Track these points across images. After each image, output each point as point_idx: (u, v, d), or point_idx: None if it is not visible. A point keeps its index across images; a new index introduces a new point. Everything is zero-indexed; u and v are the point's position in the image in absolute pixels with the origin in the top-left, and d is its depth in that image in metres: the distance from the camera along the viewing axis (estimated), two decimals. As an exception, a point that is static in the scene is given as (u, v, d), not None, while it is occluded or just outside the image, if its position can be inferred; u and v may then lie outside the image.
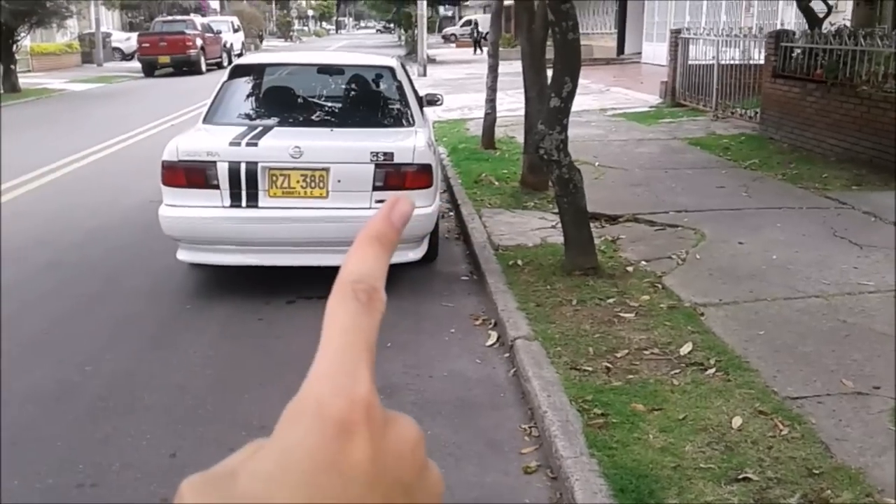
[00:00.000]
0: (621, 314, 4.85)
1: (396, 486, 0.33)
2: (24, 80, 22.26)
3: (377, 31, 77.11)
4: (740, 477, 3.17)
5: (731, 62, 13.01)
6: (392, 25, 58.10)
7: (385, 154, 5.07)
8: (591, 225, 6.07)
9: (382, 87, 6.17)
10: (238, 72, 6.17)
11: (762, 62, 11.49)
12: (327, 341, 0.35)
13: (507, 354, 4.55)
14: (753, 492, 3.08)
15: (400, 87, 5.97)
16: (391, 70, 6.11)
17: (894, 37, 8.70)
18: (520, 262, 5.84)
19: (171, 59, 26.81)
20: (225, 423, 3.85)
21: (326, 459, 0.32)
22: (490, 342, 4.77)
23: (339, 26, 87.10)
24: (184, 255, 5.37)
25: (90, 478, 3.42)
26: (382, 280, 0.38)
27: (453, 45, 43.46)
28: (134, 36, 32.39)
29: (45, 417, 3.93)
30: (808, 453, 3.34)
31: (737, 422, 3.57)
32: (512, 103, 12.10)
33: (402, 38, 42.55)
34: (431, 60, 27.75)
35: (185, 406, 4.04)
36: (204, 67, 27.44)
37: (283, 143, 5.15)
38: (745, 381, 3.96)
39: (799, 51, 10.37)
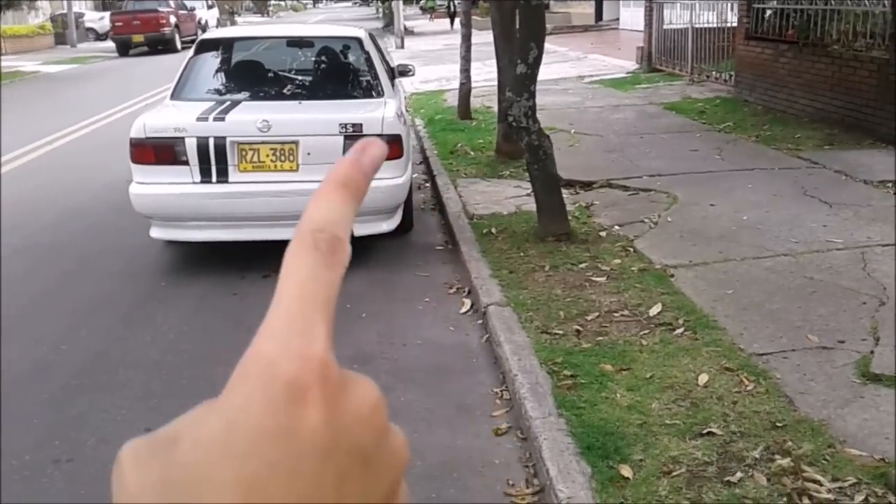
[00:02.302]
0: (593, 278, 4.90)
1: (354, 452, 0.30)
2: (-4, 63, 21.95)
3: (355, 4, 76.31)
4: (705, 432, 3.24)
5: (707, 25, 13.00)
6: (369, -2, 57.44)
7: (354, 125, 5.07)
8: (566, 191, 6.12)
9: (351, 58, 6.15)
10: (205, 47, 6.13)
11: (736, 25, 11.49)
12: (281, 295, 0.32)
13: (480, 321, 4.59)
14: (717, 445, 3.15)
15: (368, 58, 5.94)
16: (359, 41, 6.08)
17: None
18: (494, 230, 5.87)
19: (145, 38, 26.47)
20: (201, 397, 3.79)
21: (275, 425, 0.28)
22: (464, 310, 4.81)
23: (316, 0, 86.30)
24: (157, 233, 5.37)
25: (66, 454, 3.45)
26: (347, 230, 0.34)
27: (432, 15, 43.08)
28: (107, 15, 31.92)
29: (21, 396, 3.95)
30: (772, 407, 3.41)
31: (703, 379, 3.64)
32: (488, 73, 12.05)
33: (380, 10, 42.15)
34: (409, 32, 27.55)
35: (161, 381, 4.07)
36: (179, 45, 27.10)
37: (251, 117, 5.13)
38: (712, 340, 4.02)
39: (771, 12, 10.38)
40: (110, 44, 28.38)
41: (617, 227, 5.86)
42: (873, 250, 5.13)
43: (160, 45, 26.60)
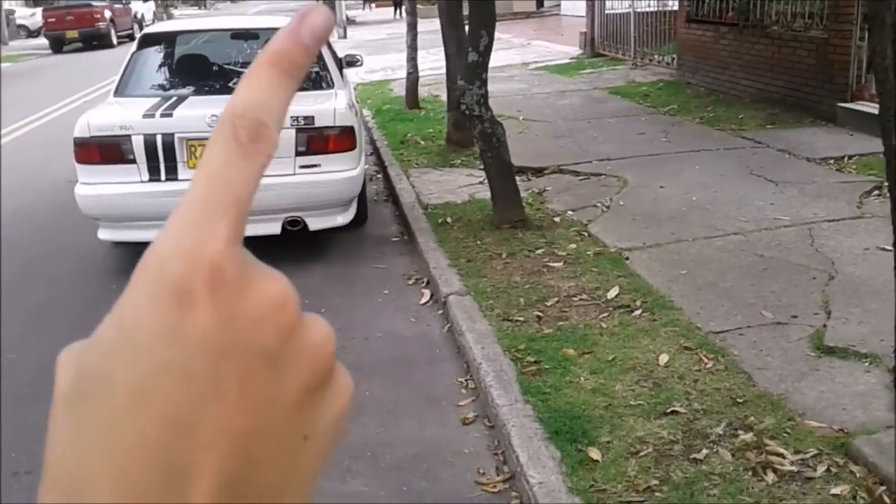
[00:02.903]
0: (550, 264, 4.93)
1: (255, 351, 0.29)
2: (-78, 63, 21.14)
3: (294, -6, 75.35)
4: (668, 411, 3.29)
5: (648, 10, 13.16)
6: (309, -12, 56.69)
7: (305, 118, 5.01)
8: (518, 178, 6.13)
9: (298, 50, 6.05)
10: (147, 41, 5.99)
11: (676, 8, 11.65)
12: (188, 193, 0.30)
13: (440, 311, 4.59)
14: (681, 424, 3.21)
15: (316, 50, 5.87)
16: (306, 32, 6.00)
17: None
18: (449, 219, 5.87)
19: (79, 34, 25.74)
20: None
21: (163, 328, 0.28)
22: (424, 300, 4.81)
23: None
24: (105, 234, 5.25)
25: (24, 465, 3.36)
26: (276, 114, 0.30)
27: (373, 4, 42.82)
28: (39, 11, 30.98)
29: (-28, 408, 3.83)
30: (732, 384, 3.48)
31: (663, 359, 3.69)
32: (434, 62, 12.03)
33: (321, 0, 41.66)
34: (351, 22, 27.34)
35: (118, 386, 3.98)
36: (115, 40, 26.45)
37: (200, 112, 5.03)
38: (670, 320, 4.09)
39: (711, -5, 10.54)
40: (43, 41, 27.55)
41: (570, 213, 5.91)
42: (820, 226, 5.26)
43: (95, 41, 25.91)
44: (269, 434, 0.30)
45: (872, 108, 7.37)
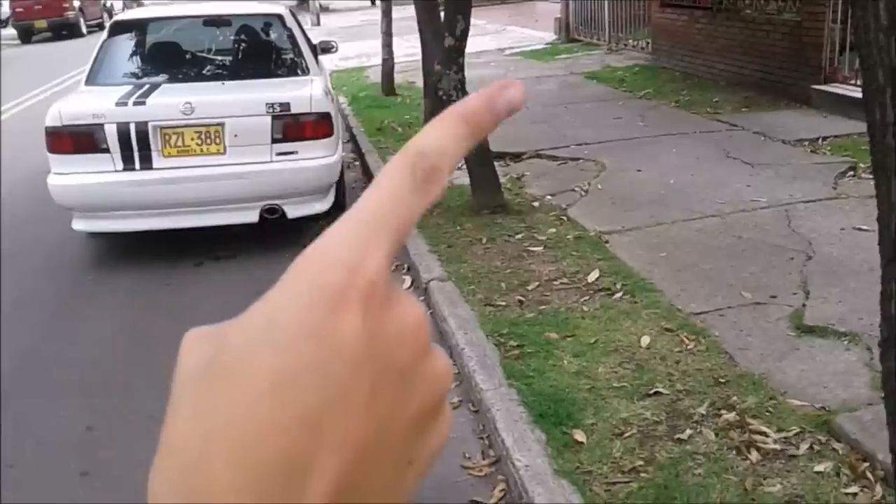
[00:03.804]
0: (530, 248, 4.93)
1: (390, 366, 0.31)
2: None
3: (265, -18, 74.71)
4: (651, 392, 3.30)
5: (622, -6, 13.16)
6: (280, -25, 56.34)
7: (281, 105, 4.96)
8: (496, 164, 6.12)
9: (273, 36, 6.00)
10: (118, 28, 5.89)
11: (651, -8, 11.66)
12: (358, 205, 0.32)
13: (422, 297, 4.57)
14: (665, 405, 3.22)
15: (291, 36, 5.82)
16: (280, 18, 5.94)
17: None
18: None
19: (48, 23, 25.33)
20: (139, 391, 3.76)
21: (312, 326, 0.29)
22: (405, 286, 4.78)
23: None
24: (80, 225, 5.17)
25: (6, 459, 3.31)
26: (451, 164, 0.34)
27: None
28: (6, 1, 30.44)
29: (-52, 403, 3.77)
30: (714, 364, 3.50)
31: (645, 340, 3.71)
32: (409, 48, 11.96)
33: (292, -12, 41.34)
34: (325, 9, 27.09)
35: (97, 378, 3.94)
36: (84, 29, 26.05)
37: (173, 100, 4.97)
38: (650, 302, 4.10)
39: (685, -21, 10.55)
40: (12, 31, 27.05)
41: (549, 197, 5.91)
42: (796, 207, 5.30)
43: (64, 31, 25.51)
44: (385, 449, 0.31)
45: (846, 90, 7.46)
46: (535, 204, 5.77)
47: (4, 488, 3.12)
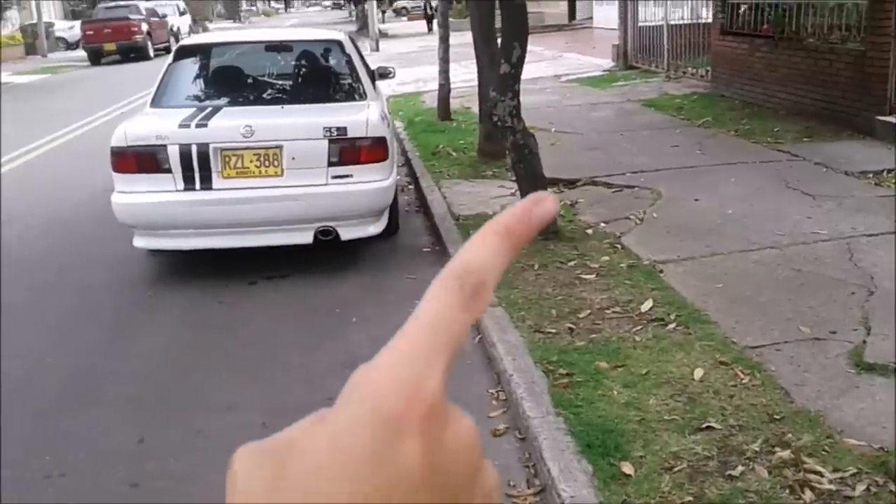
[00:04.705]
0: (582, 276, 4.89)
1: (445, 486, 0.32)
2: (-35, 75, 21.64)
3: (327, 7, 76.07)
4: (703, 426, 3.23)
5: (681, 22, 13.08)
6: (343, 1, 57.42)
7: (338, 129, 5.03)
8: (551, 190, 6.11)
9: (332, 61, 6.11)
10: (183, 53, 6.06)
11: (711, 20, 11.57)
12: (411, 326, 0.33)
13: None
14: (716, 440, 3.15)
15: (350, 61, 5.91)
16: (339, 44, 6.04)
17: (838, -11, 8.80)
18: (480, 230, 5.84)
19: (116, 46, 26.22)
20: (191, 406, 3.83)
21: (376, 455, 0.30)
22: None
23: (287, 4, 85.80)
24: (140, 242, 5.30)
25: (57, 468, 3.38)
26: (496, 277, 0.35)
27: (405, 18, 43.07)
28: (77, 24, 31.58)
29: (8, 411, 3.87)
30: (769, 399, 3.41)
31: (698, 373, 3.63)
32: (466, 74, 12.05)
33: (354, 13, 42.07)
34: (384, 35, 27.50)
35: (150, 392, 4.01)
36: (151, 53, 26.90)
37: (234, 123, 5.08)
38: (705, 334, 4.02)
39: (745, 7, 10.45)
40: (82, 53, 28.08)
41: (603, 224, 5.87)
42: (858, 241, 5.16)
43: (132, 53, 26.36)
44: None
45: (913, 121, 7.27)
46: (589, 231, 5.73)
47: (53, 496, 3.20)
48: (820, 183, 6.54)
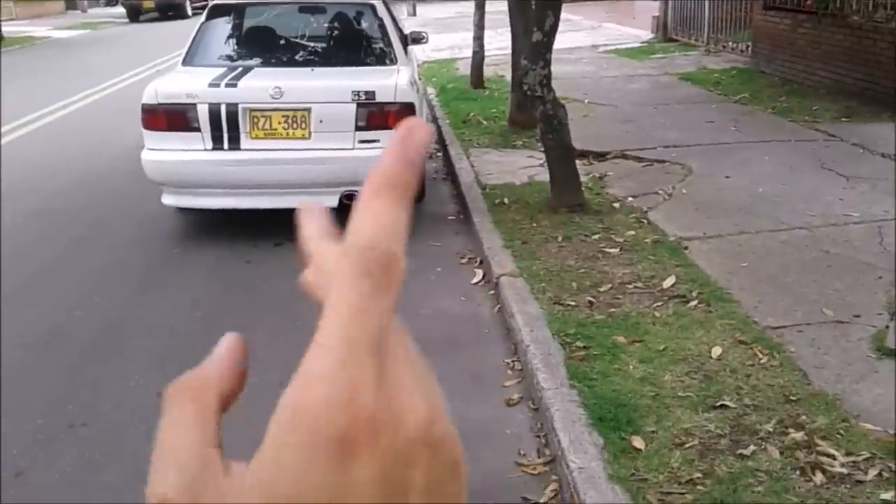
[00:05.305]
0: (606, 249, 4.87)
1: (410, 491, 0.29)
2: (7, 29, 21.88)
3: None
4: (718, 404, 3.22)
5: (724, -5, 12.80)
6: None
7: (367, 93, 5.02)
8: (580, 162, 6.06)
9: (364, 25, 6.08)
10: (217, 12, 6.06)
11: (754, -6, 11.31)
12: (326, 332, 0.29)
13: (492, 292, 4.58)
14: (730, 418, 3.14)
15: (381, 25, 5.88)
16: (372, 7, 6.01)
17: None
18: (506, 200, 5.83)
19: (155, 3, 26.33)
20: (212, 363, 3.89)
21: (331, 483, 0.27)
22: (476, 280, 4.80)
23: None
24: (169, 200, 5.36)
25: (80, 418, 3.47)
26: (401, 240, 0.30)
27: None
28: (118, -20, 31.70)
29: (35, 362, 3.98)
30: (786, 381, 3.39)
31: (716, 351, 3.62)
32: (501, 41, 11.92)
33: (392, -23, 41.72)
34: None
35: (174, 348, 4.08)
36: (189, 11, 26.90)
37: (264, 84, 5.09)
38: (726, 312, 4.00)
39: (790, -19, 10.19)
40: (121, 9, 28.22)
41: (631, 199, 5.82)
42: (890, 224, 5.06)
43: (170, 12, 26.43)
44: None
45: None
46: (616, 205, 5.68)
47: (75, 446, 3.28)
48: (855, 164, 6.41)
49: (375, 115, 5.06)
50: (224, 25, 6.07)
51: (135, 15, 26.66)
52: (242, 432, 0.32)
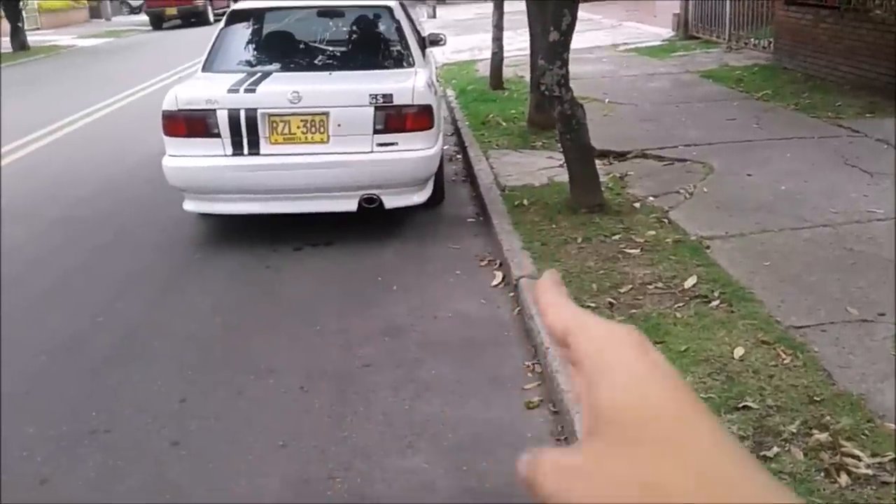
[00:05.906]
0: (626, 250, 4.83)
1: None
2: (32, 38, 22.17)
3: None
4: (740, 405, 3.19)
5: (745, -9, 12.68)
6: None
7: (384, 96, 5.03)
8: (600, 162, 6.03)
9: (381, 27, 6.09)
10: (236, 17, 6.10)
11: (775, -10, 11.19)
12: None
13: (511, 294, 4.56)
14: (753, 420, 3.10)
15: (399, 28, 5.88)
16: (389, 10, 6.01)
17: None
18: (526, 201, 5.81)
19: (178, 11, 26.59)
20: (233, 368, 3.92)
21: (649, 371, 0.37)
22: (495, 282, 4.78)
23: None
24: (190, 206, 5.40)
25: (103, 424, 3.50)
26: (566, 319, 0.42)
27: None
28: (140, -12, 32.01)
29: (58, 367, 4.01)
30: (810, 381, 3.34)
31: (739, 352, 3.58)
32: (521, 42, 11.90)
33: (411, -21, 41.76)
34: (441, 1, 27.29)
35: (195, 353, 4.11)
36: (212, 17, 27.13)
37: (282, 89, 5.11)
38: (748, 312, 3.95)
39: (812, -24, 10.07)
40: (144, 17, 28.52)
41: (651, 198, 5.77)
42: (916, 221, 4.99)
43: (193, 18, 26.68)
44: None
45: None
46: (636, 205, 5.64)
47: (98, 452, 3.31)
48: (879, 160, 6.32)
49: (393, 118, 5.06)
50: (242, 31, 6.10)
51: (158, 22, 26.93)
52: (263, 434, 0.32)
